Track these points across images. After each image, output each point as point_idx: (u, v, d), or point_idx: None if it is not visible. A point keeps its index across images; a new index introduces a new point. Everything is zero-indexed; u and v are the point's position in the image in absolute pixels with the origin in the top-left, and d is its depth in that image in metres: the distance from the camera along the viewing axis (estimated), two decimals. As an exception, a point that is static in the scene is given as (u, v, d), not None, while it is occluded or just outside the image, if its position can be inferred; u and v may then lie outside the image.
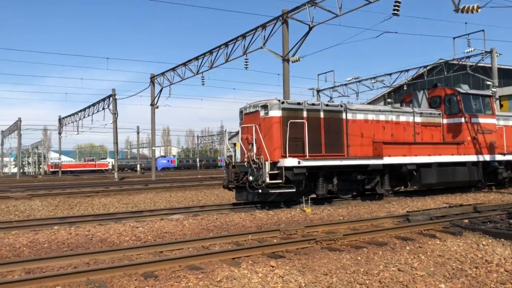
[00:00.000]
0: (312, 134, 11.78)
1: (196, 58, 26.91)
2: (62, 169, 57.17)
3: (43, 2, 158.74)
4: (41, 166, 75.36)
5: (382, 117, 13.42)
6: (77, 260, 6.04)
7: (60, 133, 51.80)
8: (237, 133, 14.84)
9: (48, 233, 8.37)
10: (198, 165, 79.60)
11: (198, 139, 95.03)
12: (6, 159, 76.87)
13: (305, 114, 11.85)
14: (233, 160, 12.40)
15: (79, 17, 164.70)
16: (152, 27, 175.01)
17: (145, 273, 5.30)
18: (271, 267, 5.44)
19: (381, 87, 33.73)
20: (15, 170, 67.10)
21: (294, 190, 11.21)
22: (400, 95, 28.87)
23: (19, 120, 53.00)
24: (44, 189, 21.00)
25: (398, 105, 16.09)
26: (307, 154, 11.49)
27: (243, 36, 22.17)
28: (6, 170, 78.41)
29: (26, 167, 78.73)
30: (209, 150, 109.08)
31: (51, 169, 65.34)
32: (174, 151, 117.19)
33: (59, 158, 60.52)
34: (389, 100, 17.24)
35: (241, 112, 12.71)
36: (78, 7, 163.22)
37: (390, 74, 32.04)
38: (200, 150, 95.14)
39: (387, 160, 12.62)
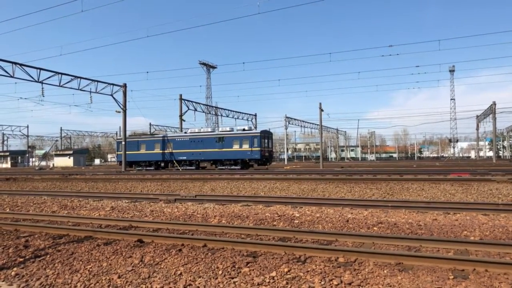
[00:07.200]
0: None
1: None
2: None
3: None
4: (516, 150, 72.14)
5: None
6: None
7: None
8: None
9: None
10: None
11: None
12: (481, 143, 78.83)
13: None
14: None
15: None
16: None
17: None
18: None
19: None
20: (490, 153, 67.72)
21: None
22: None
23: (494, 103, 52.85)
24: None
25: None
26: None
27: None
28: (481, 153, 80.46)
29: (501, 151, 77.48)
30: None
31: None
32: None
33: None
34: None
35: None
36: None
37: None
38: None
39: None
